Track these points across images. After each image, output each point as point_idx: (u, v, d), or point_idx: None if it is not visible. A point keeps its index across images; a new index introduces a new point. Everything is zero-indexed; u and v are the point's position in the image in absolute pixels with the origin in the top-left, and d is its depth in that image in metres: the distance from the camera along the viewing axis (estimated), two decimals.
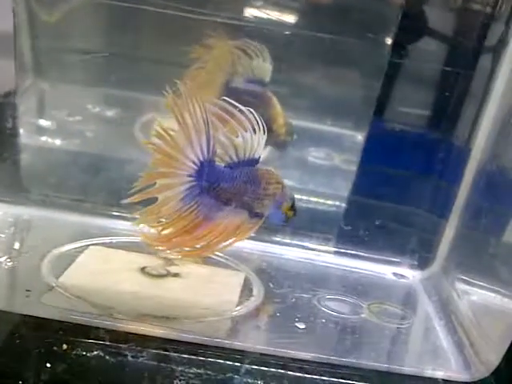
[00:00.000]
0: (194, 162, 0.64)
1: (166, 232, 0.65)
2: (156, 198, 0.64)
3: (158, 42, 0.94)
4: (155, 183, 0.64)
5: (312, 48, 0.92)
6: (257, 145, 0.65)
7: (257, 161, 0.67)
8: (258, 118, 0.64)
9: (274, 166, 0.71)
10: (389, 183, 0.94)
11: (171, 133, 0.62)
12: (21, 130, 0.92)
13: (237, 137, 0.64)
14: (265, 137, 0.65)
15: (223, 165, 0.66)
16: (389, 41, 0.90)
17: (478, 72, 0.87)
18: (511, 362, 0.66)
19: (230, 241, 0.66)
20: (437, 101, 0.93)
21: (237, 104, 0.64)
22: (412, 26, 0.92)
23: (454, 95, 0.89)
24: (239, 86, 0.85)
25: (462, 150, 0.89)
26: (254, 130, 0.64)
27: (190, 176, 0.64)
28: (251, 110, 0.64)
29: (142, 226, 0.66)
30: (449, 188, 0.89)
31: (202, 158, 0.63)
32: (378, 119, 0.93)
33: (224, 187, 0.65)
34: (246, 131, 0.64)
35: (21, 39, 0.91)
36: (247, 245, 0.85)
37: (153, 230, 0.66)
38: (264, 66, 0.84)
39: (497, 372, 0.66)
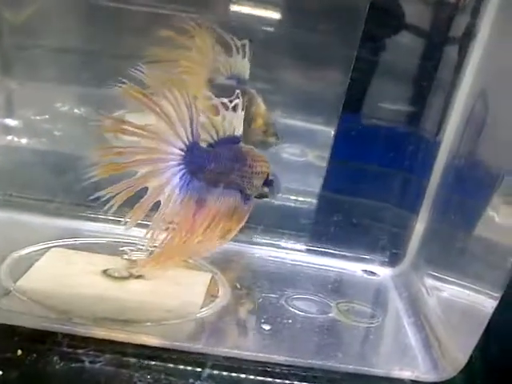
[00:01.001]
0: (181, 149, 0.61)
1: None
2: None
3: (127, 38, 0.91)
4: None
5: (283, 43, 0.90)
6: (236, 122, 0.63)
7: (239, 138, 0.65)
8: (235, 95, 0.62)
9: None
10: (359, 178, 0.92)
11: (149, 127, 0.59)
12: None
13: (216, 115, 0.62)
14: (242, 114, 0.63)
15: (205, 145, 0.63)
16: (357, 34, 0.87)
17: (446, 64, 0.84)
18: (480, 362, 0.63)
19: (235, 231, 0.65)
20: (406, 94, 0.90)
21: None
22: (380, 19, 0.90)
23: (423, 88, 0.87)
24: (219, 82, 0.82)
25: (431, 144, 0.86)
26: (233, 108, 0.62)
27: (179, 165, 0.61)
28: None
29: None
30: (419, 182, 0.87)
31: (187, 142, 0.61)
32: (347, 114, 0.91)
33: (211, 168, 0.63)
34: (227, 109, 0.62)
35: None
36: None
37: None
38: (243, 63, 0.81)
39: (465, 371, 0.63)
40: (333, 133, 0.93)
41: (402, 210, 0.89)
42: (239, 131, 0.65)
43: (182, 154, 0.61)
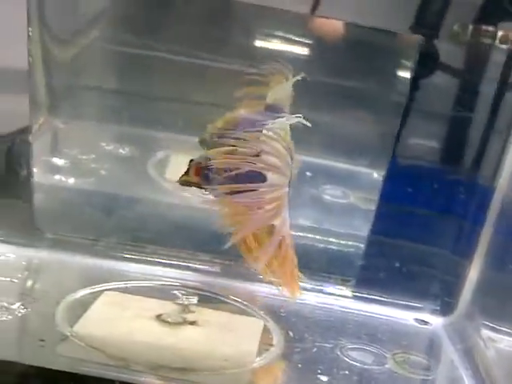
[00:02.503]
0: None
1: None
2: None
3: (171, 79, 0.94)
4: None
5: (328, 86, 0.92)
6: None
7: None
8: None
9: None
10: (409, 223, 0.93)
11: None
12: (35, 169, 0.91)
13: None
14: None
15: None
16: (407, 77, 0.89)
17: (503, 109, 0.86)
18: None
19: None
20: (459, 138, 0.92)
21: None
22: (431, 62, 0.92)
23: (478, 132, 0.89)
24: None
25: (485, 189, 0.87)
26: None
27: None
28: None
29: None
30: (472, 228, 0.88)
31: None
32: (398, 157, 0.92)
33: None
34: None
35: (35, 77, 0.91)
36: (263, 289, 0.84)
37: None
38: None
39: None
40: (375, 175, 0.95)
41: (454, 256, 0.90)
42: None
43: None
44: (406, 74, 0.90)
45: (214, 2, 0.87)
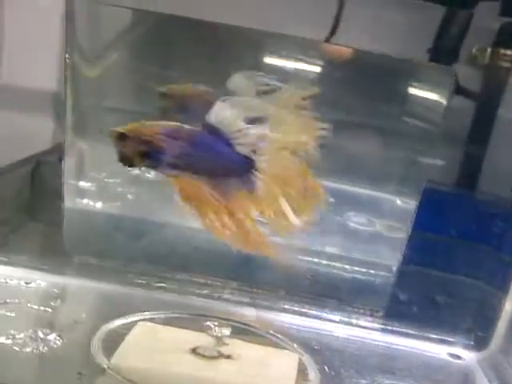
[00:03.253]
0: None
1: None
2: None
3: None
4: None
5: (355, 112, 0.93)
6: None
7: None
8: None
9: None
10: (443, 253, 0.94)
11: None
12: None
13: None
14: None
15: None
16: (441, 105, 0.91)
17: None
18: None
19: None
20: (495, 167, 0.93)
21: None
22: (466, 90, 0.94)
23: None
24: None
25: None
26: None
27: None
28: None
29: None
30: (508, 259, 0.89)
31: None
32: (432, 185, 0.94)
33: None
34: None
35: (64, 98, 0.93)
36: (294, 320, 0.86)
37: None
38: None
39: None
40: (399, 202, 0.96)
41: (488, 288, 0.91)
42: None
43: None
44: (440, 102, 0.91)
45: (229, 30, 0.88)
